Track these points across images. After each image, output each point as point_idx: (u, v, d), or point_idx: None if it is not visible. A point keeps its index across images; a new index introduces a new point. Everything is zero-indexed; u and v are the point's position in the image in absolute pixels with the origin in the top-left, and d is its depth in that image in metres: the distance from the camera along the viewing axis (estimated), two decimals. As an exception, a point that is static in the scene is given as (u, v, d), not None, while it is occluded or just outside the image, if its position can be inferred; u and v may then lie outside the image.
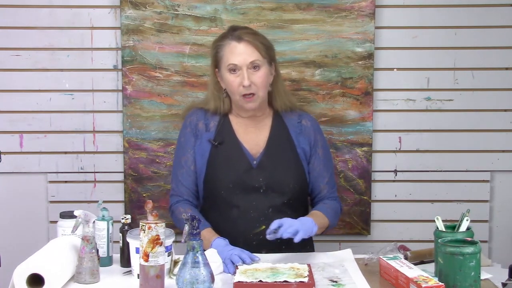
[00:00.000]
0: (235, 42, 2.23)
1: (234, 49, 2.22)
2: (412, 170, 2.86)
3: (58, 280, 1.82)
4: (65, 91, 2.81)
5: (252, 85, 2.21)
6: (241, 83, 2.21)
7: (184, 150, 2.34)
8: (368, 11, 2.74)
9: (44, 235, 2.83)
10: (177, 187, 2.34)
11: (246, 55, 2.21)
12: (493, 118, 2.84)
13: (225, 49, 2.24)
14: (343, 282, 1.90)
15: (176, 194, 2.34)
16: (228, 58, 2.23)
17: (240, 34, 2.24)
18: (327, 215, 2.27)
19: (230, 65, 2.22)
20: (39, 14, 2.77)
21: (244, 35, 2.24)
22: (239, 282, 1.83)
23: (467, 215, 1.98)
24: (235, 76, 2.22)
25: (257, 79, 2.22)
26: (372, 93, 2.79)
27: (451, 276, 1.77)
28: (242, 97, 2.24)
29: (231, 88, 2.25)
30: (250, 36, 2.24)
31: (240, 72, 2.22)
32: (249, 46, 2.22)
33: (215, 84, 2.34)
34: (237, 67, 2.22)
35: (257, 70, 2.23)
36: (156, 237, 1.79)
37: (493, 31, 2.80)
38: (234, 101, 2.31)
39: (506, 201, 2.90)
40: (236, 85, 2.23)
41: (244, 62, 2.21)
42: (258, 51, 2.23)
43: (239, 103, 2.27)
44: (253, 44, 2.23)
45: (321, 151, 2.36)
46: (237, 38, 2.23)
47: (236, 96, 2.25)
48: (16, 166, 2.83)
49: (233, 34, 2.25)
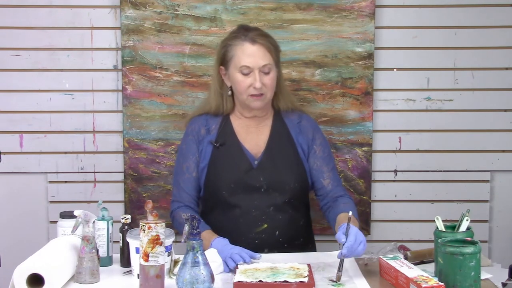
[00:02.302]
0: (249, 43, 2.24)
1: (248, 51, 2.23)
2: (412, 170, 2.86)
3: (58, 280, 1.82)
4: (65, 91, 2.81)
5: (262, 87, 2.23)
6: (251, 85, 2.23)
7: (186, 157, 2.35)
8: (368, 11, 2.74)
9: (44, 235, 2.83)
10: (178, 194, 2.35)
11: (259, 58, 2.23)
12: (493, 118, 2.84)
13: (237, 49, 2.25)
14: (343, 282, 1.90)
15: (177, 201, 2.34)
16: (240, 59, 2.24)
17: (254, 37, 2.25)
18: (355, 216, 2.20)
19: (242, 67, 2.23)
20: (39, 14, 2.77)
21: (258, 38, 2.25)
22: (239, 282, 1.83)
23: (467, 215, 1.98)
24: (246, 77, 2.24)
25: (268, 81, 2.25)
26: (372, 93, 2.79)
27: (451, 276, 1.77)
28: (250, 97, 2.25)
29: (239, 88, 2.26)
30: (263, 39, 2.26)
31: (251, 74, 2.23)
32: (262, 49, 2.24)
33: (219, 82, 2.34)
34: (249, 69, 2.23)
35: (268, 73, 2.25)
36: (156, 237, 1.79)
37: (493, 31, 2.80)
38: (239, 100, 2.31)
39: (506, 201, 2.90)
40: (246, 86, 2.24)
41: (257, 64, 2.22)
42: (270, 54, 2.25)
43: (246, 102, 2.28)
44: (266, 47, 2.24)
45: (318, 148, 2.36)
46: (251, 40, 2.24)
47: (243, 95, 2.26)
48: (16, 166, 2.83)
49: (247, 35, 2.25)
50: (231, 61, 2.27)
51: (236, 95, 2.31)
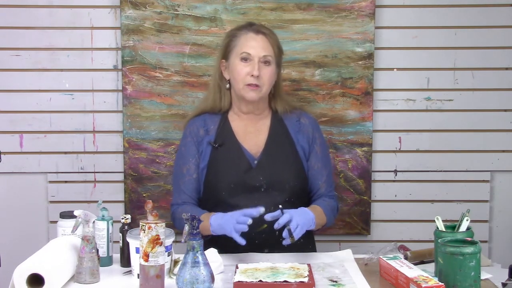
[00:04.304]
0: (253, 33, 2.28)
1: (251, 39, 2.27)
2: (412, 170, 2.86)
3: (58, 280, 1.82)
4: (65, 91, 2.81)
5: (259, 77, 2.25)
6: (249, 73, 2.24)
7: (186, 159, 2.34)
8: (368, 11, 2.74)
9: (44, 235, 2.83)
10: (179, 196, 2.34)
11: (261, 48, 2.26)
12: (493, 118, 2.85)
13: (240, 39, 2.29)
14: (343, 282, 1.90)
15: (177, 203, 2.34)
16: (242, 47, 2.27)
17: (258, 28, 2.31)
18: (326, 212, 2.28)
19: (243, 53, 2.25)
20: (39, 14, 2.77)
21: (262, 29, 2.31)
22: (239, 282, 1.83)
23: (467, 215, 1.98)
24: (245, 65, 2.26)
25: (266, 73, 2.26)
26: (372, 93, 2.79)
27: (451, 276, 1.77)
28: (247, 86, 2.26)
29: (237, 76, 2.27)
30: (267, 31, 2.31)
31: (251, 63, 2.25)
32: (265, 40, 2.28)
33: (219, 75, 2.35)
34: (250, 57, 2.25)
35: (267, 66, 2.27)
36: (156, 237, 1.79)
37: (493, 31, 2.80)
38: (236, 91, 2.31)
39: (506, 201, 2.90)
40: (244, 74, 2.26)
41: (258, 54, 2.25)
42: (272, 47, 2.28)
43: (241, 92, 2.28)
44: (270, 39, 2.29)
45: (319, 149, 2.37)
46: (255, 31, 2.29)
47: (240, 84, 2.27)
48: (16, 166, 2.83)
49: (251, 26, 2.31)
50: (233, 50, 2.29)
51: (233, 86, 2.31)
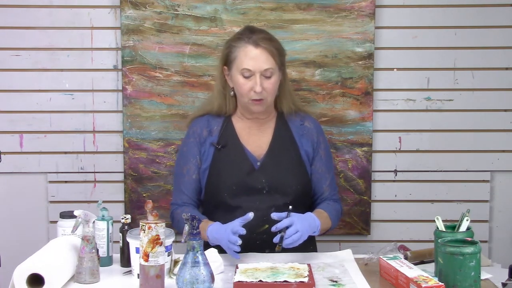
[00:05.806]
0: (252, 46, 2.22)
1: (250, 54, 2.21)
2: (412, 170, 2.86)
3: (58, 280, 1.82)
4: (65, 91, 2.81)
5: (263, 91, 2.22)
6: (252, 88, 2.22)
7: (187, 159, 2.34)
8: (368, 11, 2.74)
9: (44, 235, 2.83)
10: (179, 197, 2.34)
11: (261, 62, 2.21)
12: (493, 118, 2.85)
13: (240, 51, 2.23)
14: (343, 282, 1.90)
15: (177, 203, 2.34)
16: (242, 62, 2.22)
17: (257, 40, 2.22)
18: (331, 217, 2.28)
19: (244, 70, 2.21)
20: (39, 14, 2.77)
21: (261, 41, 2.22)
22: (239, 281, 1.83)
23: (467, 215, 1.98)
24: (247, 80, 2.22)
25: (268, 85, 2.23)
26: (372, 93, 2.79)
27: (451, 276, 1.77)
28: (251, 101, 2.25)
29: (241, 90, 2.25)
30: (267, 43, 2.23)
31: (252, 78, 2.22)
32: (265, 53, 2.21)
33: (222, 82, 2.34)
34: (250, 73, 2.21)
35: (270, 77, 2.23)
36: (156, 237, 1.79)
37: (493, 31, 2.80)
38: (241, 102, 2.31)
39: (506, 201, 2.90)
40: (247, 89, 2.23)
41: (259, 68, 2.21)
42: (273, 58, 2.23)
43: (247, 104, 2.27)
44: (269, 51, 2.22)
45: (323, 153, 2.37)
46: (254, 43, 2.22)
47: (244, 99, 2.26)
48: (16, 166, 2.83)
49: (250, 38, 2.23)
50: (233, 62, 2.25)
51: (238, 96, 2.31)
